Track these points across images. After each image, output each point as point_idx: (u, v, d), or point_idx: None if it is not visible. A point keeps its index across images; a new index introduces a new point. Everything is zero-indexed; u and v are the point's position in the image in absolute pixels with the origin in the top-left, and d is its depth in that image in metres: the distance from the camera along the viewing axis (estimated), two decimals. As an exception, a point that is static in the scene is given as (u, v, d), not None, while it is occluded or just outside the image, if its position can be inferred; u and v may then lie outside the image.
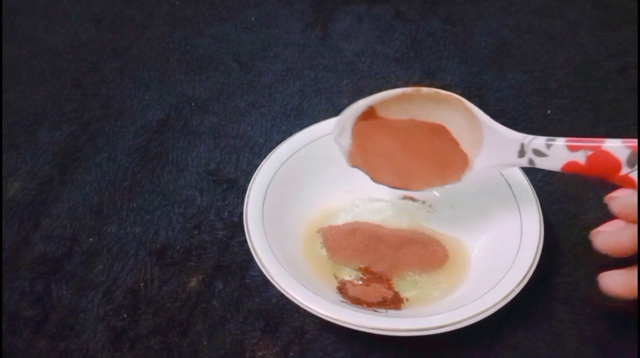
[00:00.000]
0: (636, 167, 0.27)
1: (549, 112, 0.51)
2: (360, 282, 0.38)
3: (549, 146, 0.32)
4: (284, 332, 0.36)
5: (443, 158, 0.36)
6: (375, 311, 0.35)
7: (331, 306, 0.32)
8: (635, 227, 0.28)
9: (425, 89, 0.35)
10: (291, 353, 0.35)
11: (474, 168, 0.35)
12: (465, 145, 0.35)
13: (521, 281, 0.33)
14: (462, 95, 0.52)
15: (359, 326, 0.31)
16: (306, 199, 0.41)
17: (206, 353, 0.36)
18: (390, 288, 0.37)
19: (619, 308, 0.36)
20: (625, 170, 0.28)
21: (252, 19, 0.63)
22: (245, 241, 0.36)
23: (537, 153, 0.32)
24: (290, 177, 0.41)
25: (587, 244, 0.40)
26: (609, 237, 0.30)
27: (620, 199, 0.29)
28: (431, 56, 0.58)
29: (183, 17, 0.64)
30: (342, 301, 0.35)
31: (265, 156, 0.41)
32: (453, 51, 0.58)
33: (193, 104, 0.53)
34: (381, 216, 0.41)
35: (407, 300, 0.37)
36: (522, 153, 0.33)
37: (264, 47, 0.60)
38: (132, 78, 0.56)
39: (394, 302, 0.36)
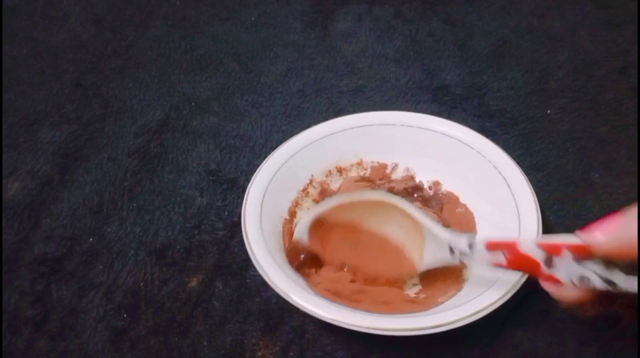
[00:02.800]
0: (556, 266, 0.28)
1: (549, 112, 0.51)
2: None
3: (470, 247, 0.32)
4: (284, 332, 0.36)
5: (391, 262, 0.37)
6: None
7: (330, 308, 0.32)
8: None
9: (358, 197, 0.37)
10: (291, 353, 0.35)
11: (423, 262, 0.36)
12: (412, 241, 0.36)
13: (518, 281, 0.33)
14: (461, 95, 0.53)
15: (357, 326, 0.31)
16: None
17: (206, 354, 0.36)
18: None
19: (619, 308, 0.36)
20: (545, 270, 0.28)
21: (252, 19, 0.63)
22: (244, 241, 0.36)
23: (463, 253, 0.33)
24: (290, 178, 0.41)
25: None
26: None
27: (562, 296, 0.29)
28: (431, 56, 0.58)
29: (183, 17, 0.64)
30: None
31: (265, 156, 0.41)
32: (453, 51, 0.58)
33: (193, 104, 0.53)
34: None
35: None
36: (452, 252, 0.33)
37: (264, 47, 0.60)
38: (132, 78, 0.56)
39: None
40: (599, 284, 0.26)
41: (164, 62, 0.58)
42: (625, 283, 0.25)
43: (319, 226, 0.37)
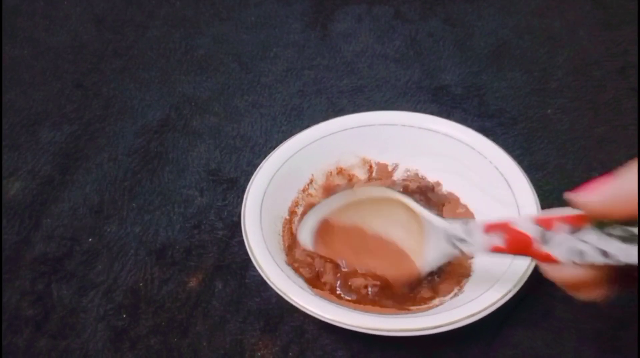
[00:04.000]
0: (551, 242, 0.26)
1: (548, 111, 0.51)
2: None
3: (468, 233, 0.31)
4: (283, 332, 0.36)
5: (396, 266, 0.37)
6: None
7: (330, 308, 0.32)
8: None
9: (360, 191, 0.38)
10: (291, 353, 0.35)
11: (426, 261, 0.35)
12: (413, 239, 0.35)
13: (518, 282, 0.33)
14: (461, 94, 0.53)
15: (357, 327, 0.31)
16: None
17: (206, 354, 0.36)
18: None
19: (619, 307, 0.36)
20: (541, 247, 0.27)
21: (252, 19, 0.64)
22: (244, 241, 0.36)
23: (462, 241, 0.31)
24: (290, 178, 0.41)
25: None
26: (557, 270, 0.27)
27: (560, 278, 0.27)
28: (431, 56, 0.58)
29: (183, 17, 0.64)
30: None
31: (265, 156, 0.41)
32: (453, 51, 0.59)
33: (193, 104, 0.53)
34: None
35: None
36: (449, 241, 0.32)
37: (264, 47, 0.60)
38: (133, 78, 0.56)
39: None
40: (594, 257, 0.25)
41: (164, 63, 0.58)
42: (621, 251, 0.24)
43: (323, 229, 0.37)
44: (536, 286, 0.37)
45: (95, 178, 0.47)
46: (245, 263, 0.40)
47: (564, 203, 0.45)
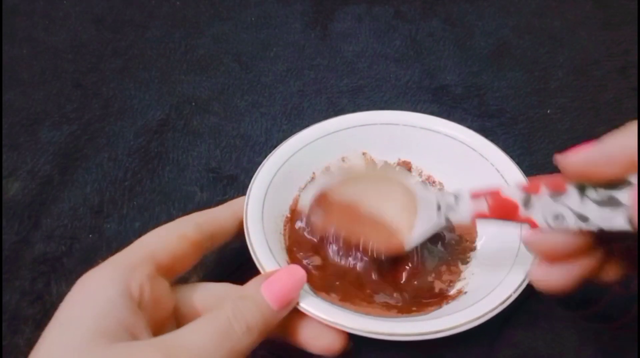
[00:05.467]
0: (533, 207, 0.28)
1: (548, 111, 0.51)
2: None
3: (456, 199, 0.33)
4: (284, 331, 0.36)
5: (381, 238, 0.38)
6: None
7: (331, 310, 0.32)
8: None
9: (363, 172, 0.40)
10: (291, 353, 0.35)
11: (412, 236, 0.36)
12: (406, 217, 0.37)
13: (519, 286, 0.33)
14: (461, 94, 0.53)
15: (358, 330, 0.31)
16: (306, 200, 0.41)
17: (206, 353, 0.35)
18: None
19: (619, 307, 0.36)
20: (523, 212, 0.28)
21: (252, 19, 0.64)
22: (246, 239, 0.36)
23: (449, 208, 0.33)
24: (291, 176, 0.41)
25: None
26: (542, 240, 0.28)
27: (538, 243, 0.28)
28: (431, 56, 0.58)
29: (183, 17, 0.64)
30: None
31: (265, 155, 0.41)
32: (453, 50, 0.59)
33: (193, 104, 0.53)
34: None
35: None
36: (438, 210, 0.34)
37: (264, 47, 0.60)
38: (133, 78, 0.56)
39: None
40: (573, 222, 0.26)
41: (164, 62, 0.58)
42: (598, 215, 0.24)
43: (321, 202, 0.38)
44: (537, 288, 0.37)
45: (95, 178, 0.47)
46: (246, 262, 0.40)
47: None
